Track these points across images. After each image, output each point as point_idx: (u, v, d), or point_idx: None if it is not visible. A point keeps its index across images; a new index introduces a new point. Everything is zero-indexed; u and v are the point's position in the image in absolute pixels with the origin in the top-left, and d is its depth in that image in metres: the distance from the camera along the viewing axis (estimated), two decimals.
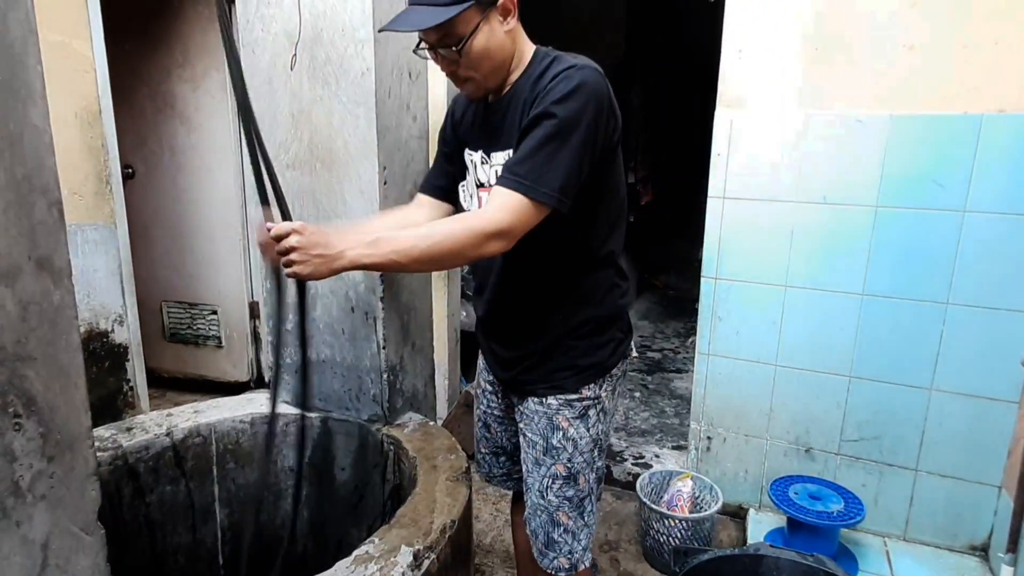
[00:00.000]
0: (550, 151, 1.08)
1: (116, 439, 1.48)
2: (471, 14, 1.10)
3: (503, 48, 1.16)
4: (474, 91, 1.20)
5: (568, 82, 1.09)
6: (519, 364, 1.32)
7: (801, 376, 2.08)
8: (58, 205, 0.71)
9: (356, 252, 1.08)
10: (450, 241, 1.09)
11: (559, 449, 1.28)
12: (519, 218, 1.08)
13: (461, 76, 1.17)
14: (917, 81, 1.81)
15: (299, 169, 1.62)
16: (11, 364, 0.65)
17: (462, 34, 1.10)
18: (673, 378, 3.58)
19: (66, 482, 0.69)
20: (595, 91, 1.10)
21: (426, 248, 1.09)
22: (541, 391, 1.29)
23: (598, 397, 1.30)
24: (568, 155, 1.08)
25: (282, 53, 1.57)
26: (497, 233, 1.08)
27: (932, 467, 1.98)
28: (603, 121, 1.12)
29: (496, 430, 1.50)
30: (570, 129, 1.08)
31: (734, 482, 2.24)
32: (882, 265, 1.92)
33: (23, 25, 0.69)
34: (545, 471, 1.29)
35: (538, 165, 1.07)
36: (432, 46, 1.14)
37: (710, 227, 2.11)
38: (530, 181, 1.07)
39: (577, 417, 1.28)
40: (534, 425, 1.30)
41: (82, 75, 2.31)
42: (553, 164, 1.08)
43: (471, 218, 1.12)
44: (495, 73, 1.18)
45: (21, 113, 0.69)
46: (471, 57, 1.13)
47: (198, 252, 3.21)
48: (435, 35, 1.12)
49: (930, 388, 1.93)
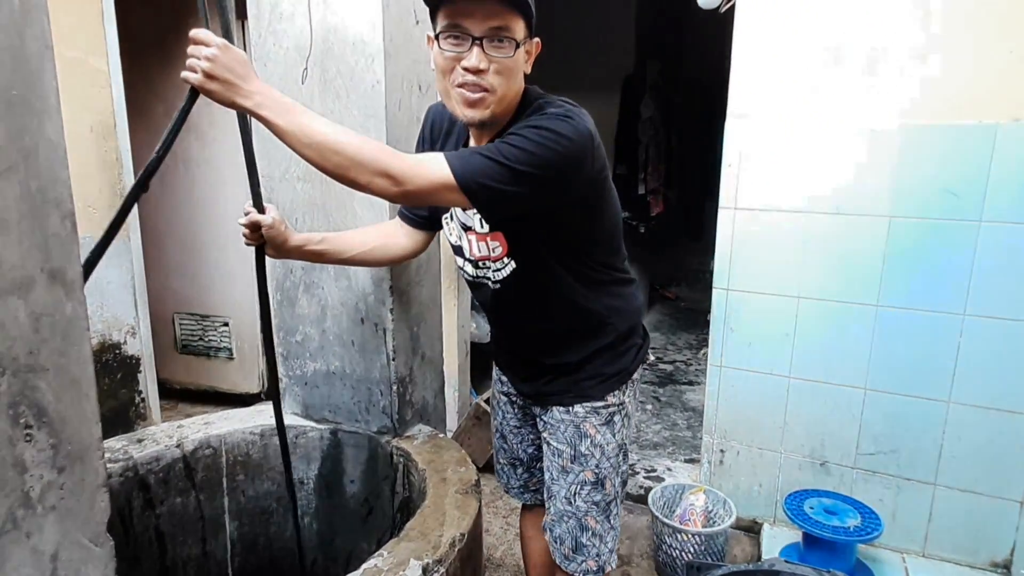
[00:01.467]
0: (495, 159, 1.01)
1: (127, 450, 1.48)
2: (524, 24, 1.07)
3: (519, 80, 1.12)
4: (480, 112, 1.08)
5: (554, 122, 1.03)
6: (542, 378, 1.32)
7: (815, 388, 2.06)
8: (71, 217, 0.71)
9: (266, 102, 1.00)
10: (353, 151, 0.99)
11: (587, 456, 1.28)
12: (429, 181, 1.00)
13: (483, 84, 1.05)
14: (930, 91, 1.80)
15: (309, 182, 1.63)
16: (23, 375, 0.65)
17: (517, 37, 1.05)
18: (685, 390, 3.55)
19: (76, 493, 0.69)
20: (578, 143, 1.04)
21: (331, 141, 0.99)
22: (567, 400, 1.29)
23: (622, 403, 1.31)
24: (510, 172, 1.00)
25: (293, 67, 1.59)
26: (396, 178, 0.99)
27: (951, 481, 1.94)
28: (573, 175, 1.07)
29: (512, 441, 1.50)
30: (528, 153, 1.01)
31: (748, 496, 2.21)
32: (897, 276, 1.90)
33: (39, 41, 0.70)
34: (573, 478, 1.29)
35: (479, 157, 1.01)
36: (476, 37, 1.03)
37: (721, 238, 2.10)
38: (461, 160, 1.01)
39: (604, 424, 1.29)
40: (560, 434, 1.30)
41: (98, 90, 2.35)
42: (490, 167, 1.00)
43: (389, 151, 1.02)
44: (506, 100, 1.10)
45: (36, 127, 0.69)
46: (506, 65, 1.05)
47: (210, 264, 3.23)
48: (499, 21, 1.02)
49: (948, 400, 1.90)
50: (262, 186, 1.71)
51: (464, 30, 1.02)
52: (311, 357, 1.72)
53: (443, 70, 1.07)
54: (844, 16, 1.85)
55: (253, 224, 1.28)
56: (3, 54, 0.65)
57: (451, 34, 1.04)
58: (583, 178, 1.09)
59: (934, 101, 1.80)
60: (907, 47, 1.80)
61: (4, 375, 0.62)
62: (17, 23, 0.66)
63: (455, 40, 1.04)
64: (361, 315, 1.64)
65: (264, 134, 1.27)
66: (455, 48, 1.04)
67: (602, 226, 1.22)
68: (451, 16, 1.03)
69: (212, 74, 0.99)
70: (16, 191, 0.65)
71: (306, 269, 1.68)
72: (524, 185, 1.01)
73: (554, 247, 1.19)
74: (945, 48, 1.76)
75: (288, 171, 1.64)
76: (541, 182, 1.03)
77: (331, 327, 1.68)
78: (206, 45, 0.99)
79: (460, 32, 1.03)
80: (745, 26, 1.96)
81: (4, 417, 0.63)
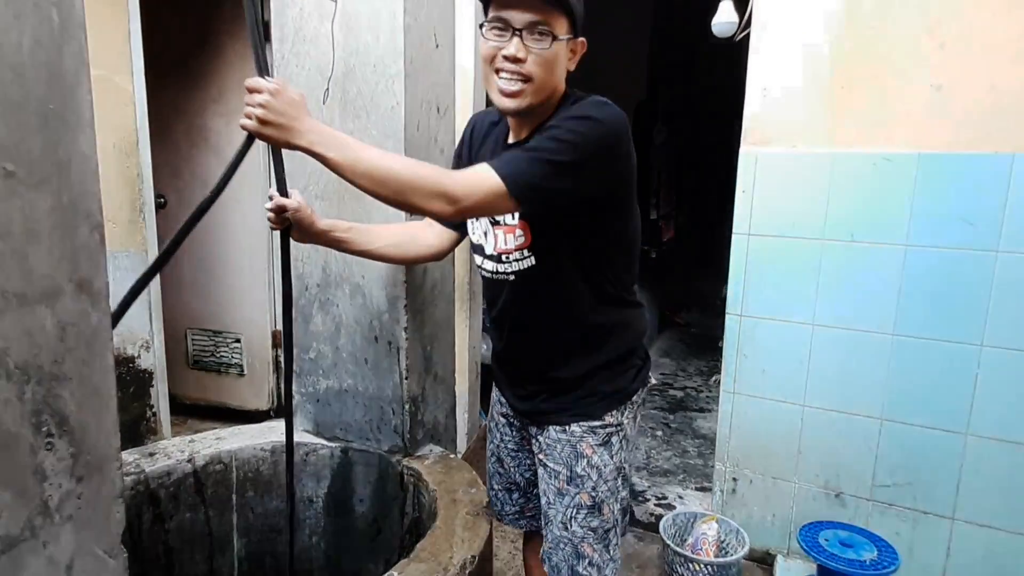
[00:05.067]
0: (542, 159, 1.07)
1: (139, 464, 1.48)
2: (567, 22, 1.12)
3: (559, 76, 1.17)
4: (518, 102, 1.13)
5: (587, 108, 1.12)
6: (539, 395, 1.32)
7: (830, 417, 2.03)
8: (100, 230, 0.73)
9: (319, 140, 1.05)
10: (410, 176, 1.05)
11: (583, 477, 1.26)
12: (482, 194, 1.06)
13: (522, 74, 1.10)
14: (945, 120, 1.80)
15: (327, 200, 1.65)
16: (47, 384, 0.65)
17: (556, 32, 1.11)
18: (696, 417, 3.51)
19: (93, 503, 0.69)
20: (611, 126, 1.11)
21: (385, 170, 1.05)
22: (564, 419, 1.29)
23: (620, 424, 1.29)
24: (556, 171, 1.06)
25: (315, 88, 1.61)
26: (451, 197, 1.05)
27: (970, 516, 1.90)
28: (609, 157, 1.13)
29: (509, 464, 1.48)
30: (571, 149, 1.07)
31: (761, 526, 2.17)
32: (913, 305, 1.88)
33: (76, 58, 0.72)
34: (569, 500, 1.27)
35: (524, 163, 1.07)
36: (517, 28, 1.09)
37: (735, 263, 2.10)
38: (510, 171, 1.06)
39: (601, 444, 1.27)
40: (556, 454, 1.29)
41: (122, 108, 2.40)
42: (539, 171, 1.06)
43: (444, 173, 1.09)
44: (544, 91, 1.15)
45: (71, 140, 0.71)
46: (545, 57, 1.10)
47: (224, 281, 3.26)
48: (539, 16, 1.08)
49: (965, 433, 1.87)
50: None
51: (506, 22, 1.10)
52: (324, 374, 1.72)
53: (486, 58, 1.14)
54: (858, 44, 1.86)
55: (279, 208, 1.27)
56: (41, 69, 0.66)
57: (495, 25, 1.11)
58: (620, 161, 1.15)
59: (949, 130, 1.80)
60: (922, 76, 1.81)
61: (29, 383, 0.63)
62: (56, 40, 0.68)
63: (498, 31, 1.11)
64: (375, 333, 1.64)
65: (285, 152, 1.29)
66: (498, 38, 1.11)
67: (624, 235, 1.24)
68: (497, 8, 1.11)
69: (266, 120, 1.05)
70: (48, 203, 0.67)
71: (321, 287, 1.69)
72: (568, 176, 1.08)
73: (575, 249, 1.21)
74: (961, 77, 1.77)
75: (307, 189, 1.65)
76: (583, 167, 1.09)
77: (345, 344, 1.69)
78: (259, 92, 1.05)
79: (503, 23, 1.10)
80: (759, 53, 1.99)
81: (27, 425, 0.63)
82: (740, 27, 2.13)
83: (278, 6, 1.64)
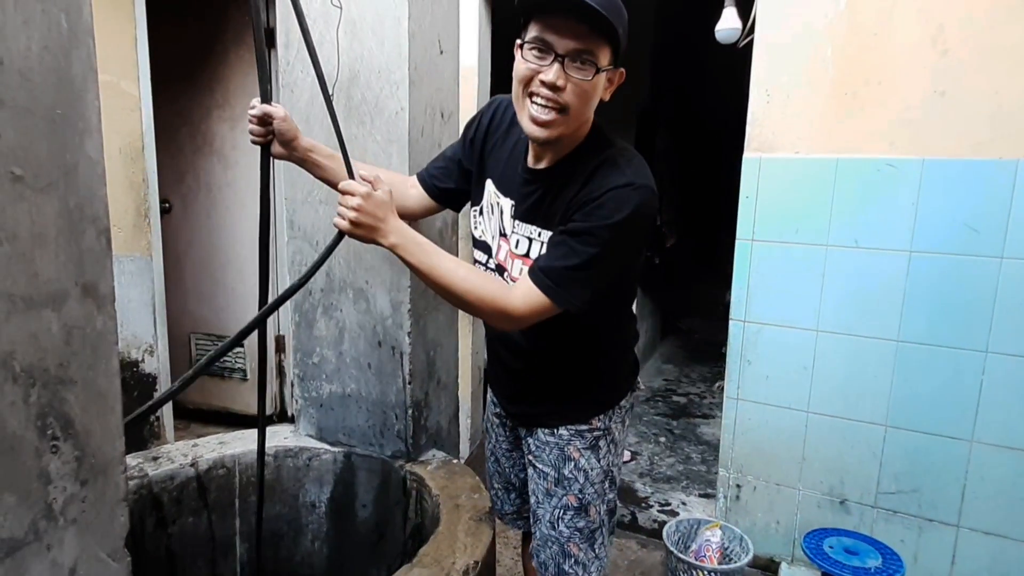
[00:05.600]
0: (585, 268, 1.08)
1: (142, 468, 1.48)
2: (611, 52, 1.06)
3: (593, 107, 1.12)
4: (549, 132, 1.08)
5: (623, 205, 1.06)
6: (528, 397, 1.36)
7: (834, 424, 2.02)
8: (106, 233, 0.73)
9: (401, 243, 1.13)
10: (476, 295, 1.13)
11: (570, 480, 1.29)
12: (536, 314, 1.13)
13: (559, 103, 1.05)
14: (949, 126, 1.80)
15: (331, 205, 1.65)
16: (53, 387, 0.66)
17: (600, 63, 1.05)
18: (699, 423, 3.50)
19: (97, 507, 0.69)
20: (646, 218, 1.10)
21: (455, 284, 1.13)
22: (552, 422, 1.31)
23: (608, 428, 1.32)
24: (601, 275, 1.11)
25: (319, 94, 1.62)
26: (512, 318, 1.13)
27: (975, 523, 1.88)
28: (644, 242, 1.17)
29: (505, 464, 1.52)
30: (612, 255, 1.10)
31: (765, 533, 2.16)
32: (917, 311, 1.88)
33: (85, 63, 0.72)
34: (556, 502, 1.31)
35: (570, 278, 1.09)
36: (560, 54, 1.03)
37: (738, 269, 2.09)
38: (560, 289, 1.09)
39: (588, 448, 1.30)
40: (544, 456, 1.32)
41: (128, 113, 2.42)
42: (584, 280, 1.10)
43: (502, 293, 1.14)
44: (576, 123, 1.10)
45: (78, 145, 0.71)
46: (584, 88, 1.05)
47: (228, 286, 3.27)
48: (585, 44, 1.02)
49: (971, 440, 1.86)
50: (284, 208, 1.74)
51: (549, 45, 1.03)
52: (327, 379, 1.72)
53: (521, 79, 1.08)
54: (862, 50, 1.87)
55: (264, 116, 1.23)
56: (50, 75, 0.67)
57: (536, 47, 1.05)
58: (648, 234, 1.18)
59: (953, 136, 1.80)
60: (926, 82, 1.81)
61: (35, 386, 0.63)
62: (65, 46, 0.69)
63: (539, 53, 1.05)
64: (379, 338, 1.64)
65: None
66: (537, 61, 1.05)
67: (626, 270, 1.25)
68: (541, 30, 1.04)
69: (358, 222, 1.12)
70: (55, 207, 0.67)
71: (325, 292, 1.69)
72: (604, 268, 1.11)
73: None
74: (964, 83, 1.77)
75: (311, 194, 1.66)
76: (621, 260, 1.14)
77: (348, 350, 1.69)
78: (352, 195, 1.12)
79: (545, 46, 1.04)
80: (762, 59, 1.99)
81: (32, 428, 0.63)
82: (743, 34, 2.14)
83: (284, 12, 1.65)
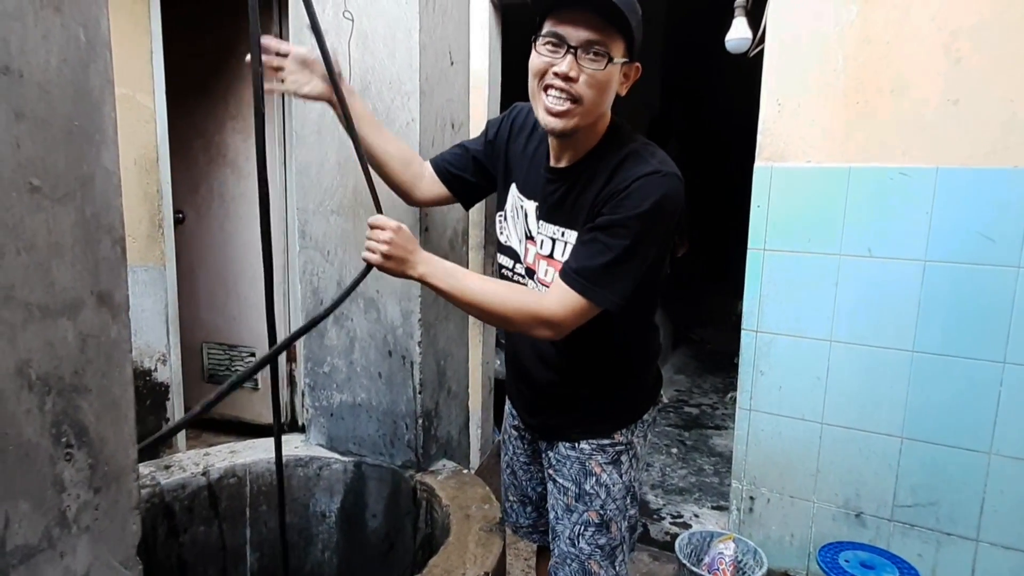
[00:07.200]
0: (620, 262, 1.08)
1: (154, 476, 1.49)
2: (624, 44, 1.07)
3: (609, 100, 1.12)
4: (564, 123, 1.09)
5: (651, 192, 1.07)
6: (549, 410, 1.32)
7: (849, 435, 2.00)
8: (121, 243, 0.74)
9: (429, 271, 1.17)
10: (511, 308, 1.14)
11: (592, 495, 1.26)
12: (576, 317, 1.12)
13: (572, 93, 1.07)
14: (963, 134, 1.79)
15: (343, 215, 1.66)
16: (67, 395, 0.66)
17: (612, 54, 1.06)
18: (712, 435, 3.47)
19: (110, 515, 0.70)
20: (675, 204, 1.10)
21: (488, 302, 1.15)
22: (573, 435, 1.28)
23: (630, 443, 1.29)
24: (637, 266, 1.10)
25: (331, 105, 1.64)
26: (552, 324, 1.12)
27: (994, 538, 1.85)
28: (673, 231, 1.15)
29: (522, 477, 1.49)
30: (645, 244, 1.09)
31: (779, 546, 2.13)
32: (933, 321, 1.86)
33: (102, 75, 0.74)
34: (577, 517, 1.27)
35: (607, 274, 1.09)
36: (573, 46, 1.05)
37: (750, 279, 2.08)
38: (598, 287, 1.09)
39: (610, 463, 1.27)
40: (565, 470, 1.29)
41: (143, 125, 2.45)
42: (621, 275, 1.09)
43: (535, 301, 1.14)
44: (592, 115, 1.11)
45: (94, 156, 0.72)
46: (598, 79, 1.06)
47: (240, 295, 3.29)
48: (598, 35, 1.04)
49: (989, 452, 1.83)
50: (296, 219, 1.75)
51: (562, 38, 1.06)
52: (338, 388, 1.73)
53: (536, 72, 1.10)
54: (874, 58, 1.86)
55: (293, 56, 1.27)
56: (68, 87, 0.68)
57: (550, 40, 1.07)
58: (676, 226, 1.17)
59: (967, 144, 1.78)
60: (939, 90, 1.80)
61: (50, 394, 0.64)
62: (83, 58, 0.70)
63: (553, 47, 1.07)
64: (389, 347, 1.65)
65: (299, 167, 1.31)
66: (551, 54, 1.07)
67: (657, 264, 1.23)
68: (554, 24, 1.06)
69: (389, 255, 1.17)
70: (72, 217, 0.68)
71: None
72: (637, 260, 1.10)
73: None
74: (978, 92, 1.76)
75: (323, 204, 1.67)
76: (650, 250, 1.12)
77: (359, 359, 1.69)
78: (382, 230, 1.17)
79: (558, 39, 1.06)
80: (773, 68, 1.99)
81: (47, 436, 0.64)
82: (754, 43, 2.14)
83: (296, 25, 1.67)
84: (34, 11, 0.63)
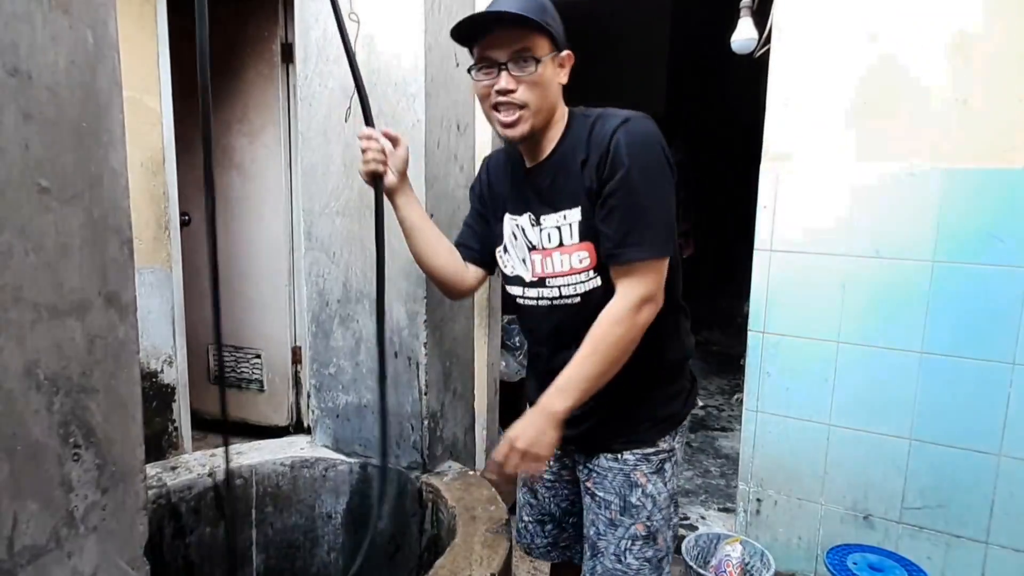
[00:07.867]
0: (648, 208, 1.11)
1: (161, 477, 1.49)
2: (547, 40, 1.14)
3: (555, 93, 1.18)
4: (520, 129, 1.16)
5: (632, 139, 1.12)
6: (591, 418, 1.24)
7: (857, 437, 1.98)
8: (129, 244, 0.74)
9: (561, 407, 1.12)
10: (615, 342, 1.12)
11: (639, 507, 1.23)
12: (655, 279, 1.13)
13: (516, 102, 1.13)
14: (972, 135, 1.77)
15: (349, 216, 1.66)
16: (75, 395, 0.66)
17: (539, 55, 1.13)
18: (718, 436, 3.46)
19: (117, 515, 0.70)
20: (656, 138, 1.14)
21: (603, 364, 1.12)
22: (616, 446, 1.24)
23: (672, 449, 1.27)
24: (662, 204, 1.14)
25: (337, 107, 1.64)
26: (644, 302, 1.12)
27: (1004, 540, 1.83)
28: (669, 162, 1.17)
29: (543, 495, 1.43)
30: (656, 180, 1.13)
31: (787, 548, 2.12)
32: (942, 322, 1.84)
33: (110, 78, 0.74)
34: (623, 532, 1.23)
35: (647, 226, 1.11)
36: (502, 63, 1.12)
37: (757, 280, 2.07)
38: (645, 246, 1.11)
39: (655, 472, 1.24)
40: (607, 483, 1.25)
41: (150, 128, 2.46)
42: (656, 218, 1.12)
43: (615, 313, 1.12)
44: (543, 113, 1.17)
45: (102, 157, 0.73)
46: (534, 80, 1.13)
47: (245, 297, 3.30)
48: (520, 45, 1.11)
49: (998, 454, 1.82)
50: (301, 220, 1.76)
51: (491, 59, 1.14)
52: (344, 390, 1.73)
53: (482, 97, 1.19)
54: (881, 58, 1.85)
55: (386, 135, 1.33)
56: (76, 89, 0.68)
57: (482, 65, 1.16)
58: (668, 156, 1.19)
59: (976, 145, 1.77)
60: (948, 90, 1.79)
61: (58, 394, 0.64)
62: (91, 61, 0.70)
63: (486, 70, 1.16)
64: (395, 349, 1.65)
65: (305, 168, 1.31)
66: (488, 76, 1.16)
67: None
68: (481, 50, 1.16)
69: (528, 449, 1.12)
70: (80, 218, 0.68)
71: (342, 302, 1.70)
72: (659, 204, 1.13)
73: None
74: (986, 92, 1.75)
75: (328, 206, 1.68)
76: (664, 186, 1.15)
77: (365, 360, 1.69)
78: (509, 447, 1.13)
79: (489, 62, 1.15)
80: (779, 68, 1.98)
81: (55, 436, 0.64)
82: (760, 44, 2.13)
83: (302, 28, 1.67)
84: (43, 13, 0.63)
